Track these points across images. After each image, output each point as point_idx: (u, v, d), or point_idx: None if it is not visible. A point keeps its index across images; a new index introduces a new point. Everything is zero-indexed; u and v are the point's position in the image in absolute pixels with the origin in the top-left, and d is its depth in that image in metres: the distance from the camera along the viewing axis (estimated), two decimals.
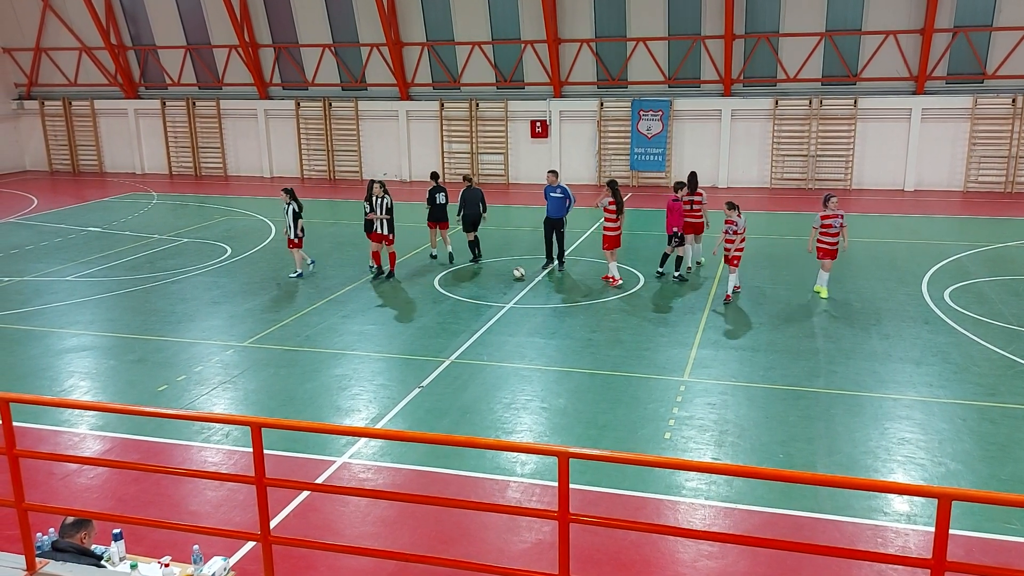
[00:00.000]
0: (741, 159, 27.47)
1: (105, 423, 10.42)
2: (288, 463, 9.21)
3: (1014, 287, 15.53)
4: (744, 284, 15.97)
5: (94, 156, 34.15)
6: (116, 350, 13.12)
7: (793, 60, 26.51)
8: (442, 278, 16.81)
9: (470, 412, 10.63)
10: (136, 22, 31.83)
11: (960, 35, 24.99)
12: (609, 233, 16.06)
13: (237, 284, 16.71)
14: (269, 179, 31.37)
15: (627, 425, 10.16)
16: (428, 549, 7.49)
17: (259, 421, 4.71)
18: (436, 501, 5.53)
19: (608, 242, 16.11)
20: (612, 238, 16.08)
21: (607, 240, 16.11)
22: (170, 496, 8.64)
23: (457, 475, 8.97)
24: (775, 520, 8.07)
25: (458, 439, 5.93)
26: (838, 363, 11.94)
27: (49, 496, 8.54)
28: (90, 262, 18.56)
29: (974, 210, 23.36)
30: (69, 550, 5.55)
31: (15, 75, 34.28)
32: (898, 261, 17.61)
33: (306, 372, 12.07)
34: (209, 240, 20.71)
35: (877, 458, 9.21)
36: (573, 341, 13.12)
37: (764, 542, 4.60)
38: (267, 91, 31.45)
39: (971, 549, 7.51)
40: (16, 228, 22.75)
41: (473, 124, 29.35)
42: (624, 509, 8.28)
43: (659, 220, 23.00)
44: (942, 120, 25.67)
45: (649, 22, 27.02)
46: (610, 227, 16.05)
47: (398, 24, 28.84)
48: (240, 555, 7.30)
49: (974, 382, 11.19)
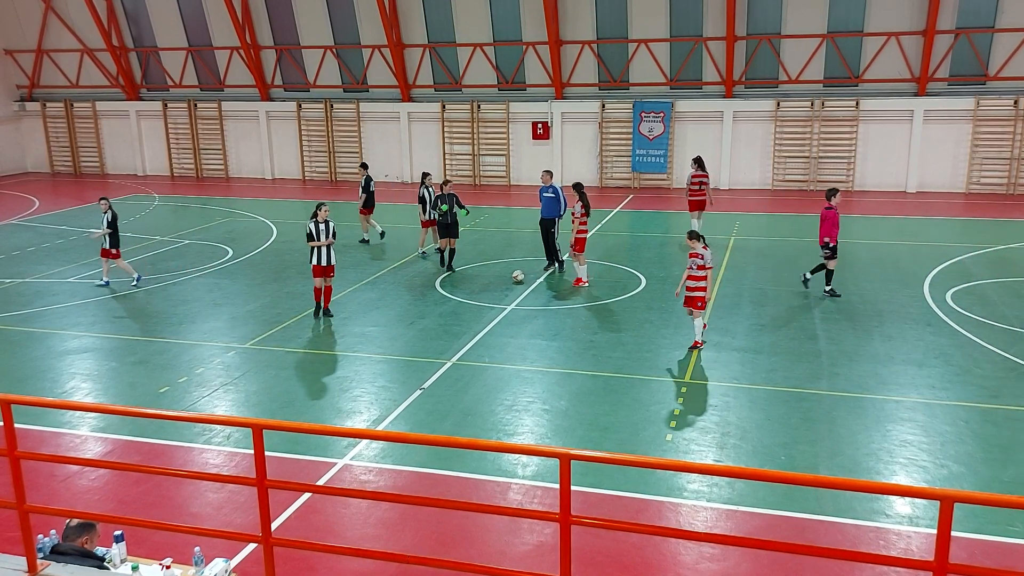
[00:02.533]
0: (743, 161, 27.45)
1: (106, 425, 10.43)
2: (289, 465, 9.21)
3: (1016, 289, 15.50)
4: (746, 286, 15.96)
5: (96, 158, 34.18)
6: (117, 352, 13.12)
7: (795, 61, 26.50)
8: (443, 280, 16.81)
9: (472, 414, 10.62)
10: (138, 24, 31.87)
11: (962, 36, 24.97)
12: (580, 236, 16.09)
13: (238, 286, 16.72)
14: (271, 181, 31.38)
15: (629, 427, 10.15)
16: (429, 551, 7.48)
17: (260, 423, 4.70)
18: (437, 503, 5.53)
19: (580, 245, 16.13)
20: (583, 240, 16.15)
21: (579, 243, 16.13)
22: (171, 498, 8.64)
23: (459, 477, 8.97)
24: (777, 522, 8.05)
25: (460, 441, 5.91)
26: (840, 365, 11.92)
27: (50, 498, 8.54)
28: (91, 264, 18.56)
29: (976, 212, 23.34)
30: (71, 552, 5.54)
31: (17, 77, 34.32)
32: (900, 263, 17.60)
33: (307, 374, 12.06)
34: (211, 242, 20.71)
35: (879, 460, 9.20)
36: (575, 343, 13.11)
37: (766, 544, 4.58)
38: (269, 93, 31.48)
39: (973, 551, 7.49)
40: (18, 230, 22.77)
41: (475, 126, 29.36)
42: (626, 511, 8.27)
43: (660, 221, 23.06)
44: (944, 122, 25.66)
45: (651, 23, 27.03)
46: (582, 230, 16.09)
47: (399, 26, 28.86)
48: (241, 557, 7.30)
49: (976, 384, 11.18)
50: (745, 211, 23.69)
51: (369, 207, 20.30)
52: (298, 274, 17.39)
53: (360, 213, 20.40)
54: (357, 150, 30.86)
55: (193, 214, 25.11)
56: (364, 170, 20.86)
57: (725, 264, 17.56)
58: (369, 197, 20.21)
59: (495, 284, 16.45)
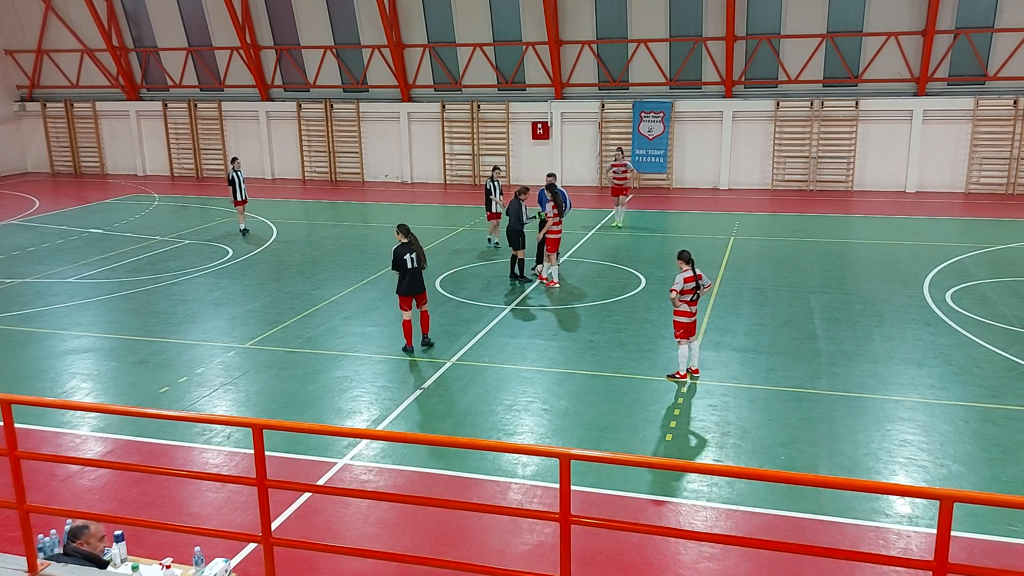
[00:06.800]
0: (742, 161, 27.44)
1: (107, 425, 10.43)
2: (290, 465, 9.21)
3: (1016, 289, 15.51)
4: (746, 286, 15.96)
5: (96, 158, 34.17)
6: (118, 352, 13.12)
7: (794, 62, 26.49)
8: (444, 280, 16.81)
9: (471, 414, 10.63)
10: (138, 24, 31.85)
11: (961, 36, 24.97)
12: (553, 236, 16.03)
13: (238, 286, 16.72)
14: (271, 181, 31.37)
15: (629, 427, 10.16)
16: (429, 551, 7.48)
17: (260, 423, 4.70)
18: (437, 503, 5.53)
19: (552, 245, 16.08)
20: (556, 240, 16.09)
21: (552, 243, 16.05)
22: (172, 498, 8.64)
23: (459, 477, 8.97)
24: (777, 522, 8.06)
25: (459, 441, 5.92)
26: (840, 365, 11.93)
27: (51, 498, 8.54)
28: (91, 264, 18.57)
29: (976, 212, 23.34)
30: (74, 555, 5.57)
31: (17, 77, 34.31)
32: (900, 263, 17.59)
33: (307, 374, 12.07)
34: (211, 242, 20.71)
35: (879, 460, 9.20)
36: (575, 343, 13.11)
37: (766, 544, 4.59)
38: (269, 93, 31.47)
39: (973, 551, 7.50)
40: (18, 230, 22.77)
41: (474, 126, 29.35)
42: (626, 511, 8.27)
43: (661, 222, 23.06)
44: (944, 122, 25.64)
45: (650, 23, 27.02)
46: (554, 230, 16.03)
47: (399, 26, 28.85)
48: (241, 557, 7.30)
49: (976, 384, 11.18)
50: (745, 211, 23.68)
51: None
52: (298, 274, 17.41)
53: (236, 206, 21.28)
54: (357, 150, 30.86)
55: (193, 214, 25.11)
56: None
57: (725, 264, 17.56)
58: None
59: (495, 284, 16.45)
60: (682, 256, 11.19)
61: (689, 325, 11.28)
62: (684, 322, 11.23)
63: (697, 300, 11.30)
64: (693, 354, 11.51)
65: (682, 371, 11.47)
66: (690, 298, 11.13)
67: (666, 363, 12.08)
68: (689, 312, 11.20)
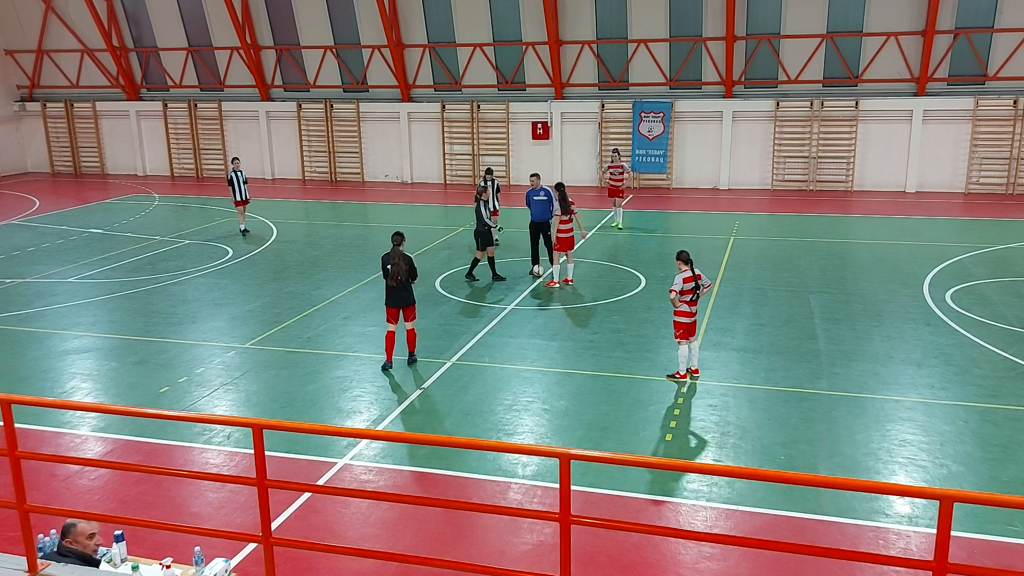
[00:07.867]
0: (742, 161, 27.44)
1: (107, 425, 10.43)
2: (289, 465, 9.21)
3: (1016, 289, 15.51)
4: (746, 286, 15.96)
5: (96, 158, 34.16)
6: (118, 352, 13.13)
7: (794, 62, 26.49)
8: (443, 280, 16.81)
9: (471, 414, 10.63)
10: (138, 24, 31.85)
11: (961, 36, 24.97)
12: (563, 235, 16.04)
13: (238, 286, 16.72)
14: (271, 181, 31.37)
15: (629, 427, 10.16)
16: (429, 551, 7.48)
17: (260, 423, 4.71)
18: (437, 503, 5.54)
19: (563, 244, 16.09)
20: (567, 240, 16.09)
21: (563, 242, 16.07)
22: (171, 498, 8.64)
23: (458, 477, 8.97)
24: (777, 522, 8.06)
25: (459, 441, 5.93)
26: (840, 365, 11.93)
27: (51, 498, 8.54)
28: (92, 264, 18.57)
29: (976, 212, 23.34)
30: (67, 553, 5.57)
31: (17, 77, 34.31)
32: (900, 263, 17.59)
33: (307, 374, 12.06)
34: (211, 242, 20.71)
35: (879, 460, 9.21)
36: (575, 343, 13.11)
37: (766, 544, 4.58)
38: (269, 93, 31.47)
39: (973, 551, 7.50)
40: (18, 230, 22.77)
41: (474, 126, 29.35)
42: (626, 511, 8.28)
43: (661, 222, 23.04)
44: (944, 122, 25.64)
45: (650, 23, 27.02)
46: (564, 229, 16.03)
47: (399, 26, 28.85)
48: (241, 557, 7.30)
49: (976, 384, 11.18)
50: (745, 211, 23.68)
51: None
52: (298, 274, 17.41)
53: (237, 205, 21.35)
54: (357, 150, 30.86)
55: (193, 214, 25.11)
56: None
57: (725, 264, 17.56)
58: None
59: (495, 284, 16.44)
60: (681, 256, 11.20)
61: (689, 325, 11.29)
62: (684, 322, 11.24)
63: (697, 300, 11.31)
64: (693, 354, 11.52)
65: (682, 371, 11.49)
66: (690, 298, 11.14)
67: (666, 363, 12.08)
68: (689, 312, 11.22)
